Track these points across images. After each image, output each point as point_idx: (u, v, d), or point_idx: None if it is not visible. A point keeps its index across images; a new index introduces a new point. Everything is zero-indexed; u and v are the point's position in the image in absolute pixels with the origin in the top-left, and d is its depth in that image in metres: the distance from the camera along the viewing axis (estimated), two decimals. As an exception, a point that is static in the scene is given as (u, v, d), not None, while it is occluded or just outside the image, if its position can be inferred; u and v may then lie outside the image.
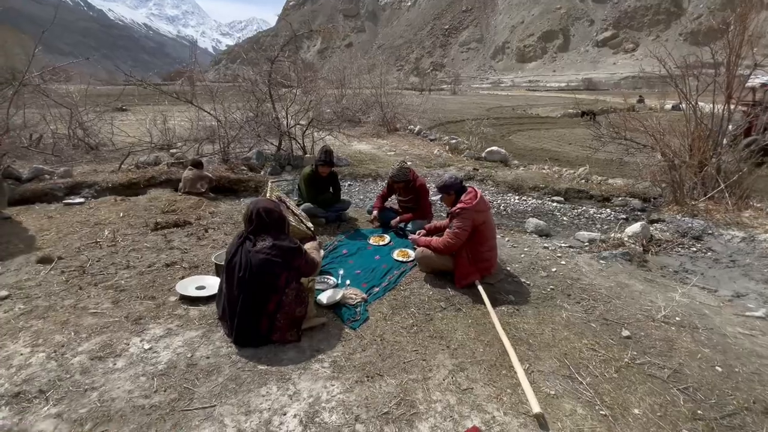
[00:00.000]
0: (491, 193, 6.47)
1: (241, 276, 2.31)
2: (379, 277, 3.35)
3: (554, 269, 3.56)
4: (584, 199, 6.16)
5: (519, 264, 3.65)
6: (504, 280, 3.35)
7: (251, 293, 2.32)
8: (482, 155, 8.82)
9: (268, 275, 2.33)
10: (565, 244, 4.18)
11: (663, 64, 5.56)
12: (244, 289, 2.31)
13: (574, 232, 4.66)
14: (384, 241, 4.10)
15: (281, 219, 2.54)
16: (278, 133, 7.38)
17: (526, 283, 3.31)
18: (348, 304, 2.89)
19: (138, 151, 7.11)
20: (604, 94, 36.13)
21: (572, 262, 3.73)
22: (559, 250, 4.01)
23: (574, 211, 5.62)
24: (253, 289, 2.31)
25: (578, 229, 4.94)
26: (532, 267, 3.60)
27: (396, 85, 16.47)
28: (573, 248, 4.07)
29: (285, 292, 2.38)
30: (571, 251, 3.99)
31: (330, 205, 4.58)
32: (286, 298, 2.38)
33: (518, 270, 3.54)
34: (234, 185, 6.41)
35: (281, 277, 2.36)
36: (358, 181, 6.94)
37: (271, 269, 2.33)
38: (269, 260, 2.33)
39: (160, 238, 4.02)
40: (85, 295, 2.90)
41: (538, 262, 3.68)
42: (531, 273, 3.49)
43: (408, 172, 4.14)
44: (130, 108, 14.65)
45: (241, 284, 2.32)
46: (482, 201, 3.17)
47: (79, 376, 2.11)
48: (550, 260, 3.74)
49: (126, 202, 5.14)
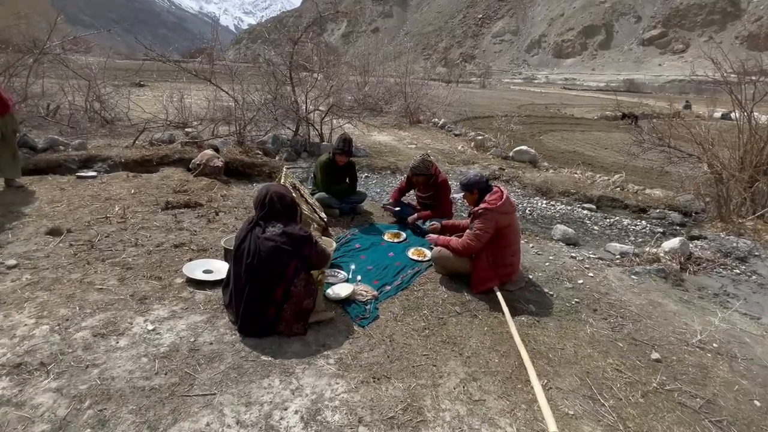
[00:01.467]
0: (517, 195, 6.37)
1: (249, 262, 2.33)
2: (391, 275, 3.34)
3: (581, 281, 3.47)
4: (618, 209, 5.99)
5: (543, 273, 3.58)
6: (525, 288, 3.29)
7: (259, 280, 2.34)
8: (510, 154, 8.67)
9: (277, 263, 2.34)
10: (595, 255, 4.08)
11: (718, 67, 5.32)
12: (251, 276, 2.33)
13: (604, 243, 4.54)
14: (399, 238, 4.08)
15: (293, 206, 2.55)
16: (296, 118, 7.42)
17: (549, 294, 3.24)
18: (358, 300, 2.89)
19: (153, 127, 7.26)
20: (647, 97, 35.02)
21: (601, 275, 3.63)
22: (587, 261, 3.91)
23: (606, 221, 5.47)
24: (261, 276, 2.33)
25: (609, 240, 4.80)
26: (557, 277, 3.52)
27: (422, 74, 16.29)
28: (603, 260, 3.96)
29: (293, 282, 2.39)
30: (600, 263, 3.89)
31: (345, 196, 4.58)
32: (294, 288, 2.39)
33: (541, 279, 3.47)
34: (248, 169, 6.47)
35: (290, 265, 2.37)
36: (375, 173, 6.93)
37: (280, 257, 2.35)
38: (279, 247, 2.35)
39: (170, 217, 4.10)
40: (92, 270, 2.98)
41: (564, 273, 3.60)
42: (555, 283, 3.42)
43: (430, 166, 4.10)
44: (148, 83, 15.00)
45: (249, 271, 2.34)
46: (508, 202, 3.11)
47: (81, 352, 2.17)
48: (577, 271, 3.66)
49: (138, 178, 5.26)
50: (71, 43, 8.02)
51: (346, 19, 22.49)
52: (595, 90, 56.30)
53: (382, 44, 18.72)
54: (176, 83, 9.23)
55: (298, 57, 7.30)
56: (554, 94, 40.87)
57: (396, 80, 13.08)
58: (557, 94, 39.86)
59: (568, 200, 6.21)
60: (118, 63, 14.87)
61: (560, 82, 76.03)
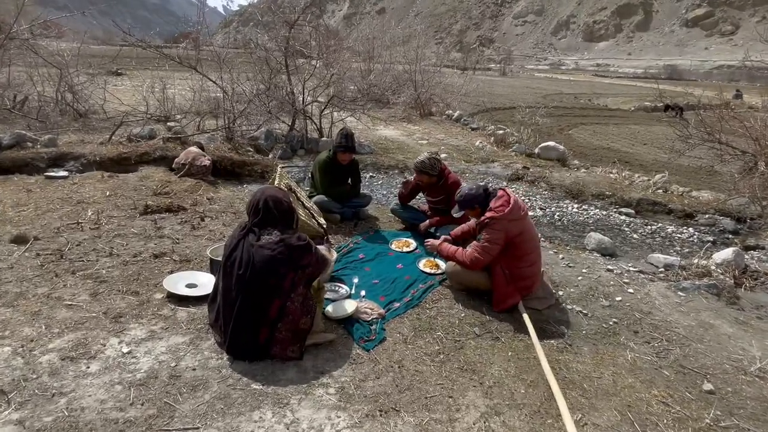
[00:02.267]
0: (544, 198, 6.32)
1: (240, 274, 2.32)
2: (400, 291, 3.31)
3: (619, 298, 3.41)
4: (660, 214, 5.91)
5: (575, 288, 3.52)
6: (555, 306, 3.25)
7: (251, 295, 2.32)
8: (535, 151, 8.63)
9: (272, 275, 2.33)
10: (635, 267, 4.01)
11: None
12: (243, 289, 2.32)
13: (646, 254, 4.47)
14: (409, 247, 4.05)
15: (290, 212, 2.54)
16: (292, 111, 7.44)
17: (583, 313, 3.19)
18: (362, 319, 2.86)
19: (131, 121, 7.31)
20: (691, 85, 34.79)
21: (642, 291, 3.57)
22: (626, 274, 3.84)
23: (646, 228, 5.40)
24: (254, 289, 2.32)
25: (651, 250, 4.73)
26: (592, 293, 3.46)
27: (434, 60, 16.30)
28: (644, 274, 3.90)
29: (290, 297, 2.38)
30: (641, 277, 3.82)
31: (347, 199, 4.57)
32: (291, 304, 2.38)
33: (574, 296, 3.42)
34: (237, 168, 6.50)
35: (287, 278, 2.36)
36: (381, 172, 6.92)
37: (276, 268, 2.33)
38: (275, 258, 2.33)
39: (149, 223, 4.12)
40: (60, 283, 2.99)
41: (600, 288, 3.55)
42: (589, 301, 3.36)
43: (437, 165, 4.07)
44: (126, 72, 15.17)
45: (240, 284, 2.32)
46: (516, 207, 3.07)
47: (47, 378, 2.16)
48: (615, 286, 3.60)
49: (114, 179, 5.30)
50: (41, 27, 8.10)
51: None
52: (632, 77, 55.97)
53: (389, 27, 18.75)
54: (158, 71, 9.31)
55: (295, 42, 7.32)
56: (585, 82, 40.72)
57: (405, 67, 13.10)
58: (588, 82, 39.71)
59: (602, 204, 6.15)
60: (93, 49, 15.09)
61: (591, 68, 75.75)
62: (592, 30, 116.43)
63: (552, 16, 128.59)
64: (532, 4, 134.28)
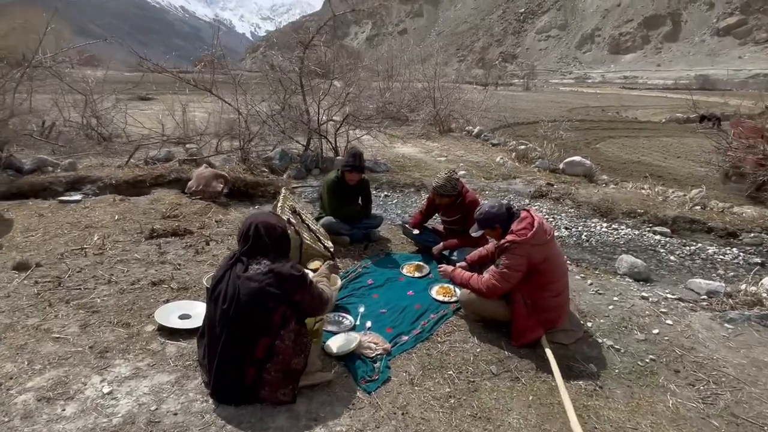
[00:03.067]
0: (569, 216, 5.93)
1: (225, 309, 2.12)
2: (409, 322, 3.05)
3: (656, 331, 3.05)
4: (699, 233, 5.45)
5: (605, 319, 3.18)
6: (583, 340, 2.92)
7: (236, 331, 2.12)
8: (559, 166, 8.25)
9: (259, 309, 2.12)
10: (673, 295, 3.62)
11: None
12: (227, 325, 2.12)
13: (685, 279, 4.06)
14: (421, 271, 3.80)
15: (284, 239, 2.34)
16: (307, 131, 7.37)
17: (615, 348, 2.85)
18: (365, 355, 2.61)
19: (146, 144, 7.39)
20: (727, 94, 33.47)
21: (683, 322, 3.19)
22: (663, 302, 3.47)
23: (684, 249, 4.95)
24: (238, 325, 2.12)
25: (691, 274, 4.31)
26: (625, 325, 3.11)
27: (454, 77, 16.19)
28: (684, 302, 3.51)
29: (280, 334, 2.16)
30: (680, 306, 3.44)
31: (357, 221, 4.36)
32: (280, 343, 2.16)
33: (604, 328, 3.07)
34: (250, 189, 6.41)
35: (276, 312, 2.15)
36: (397, 191, 6.70)
37: (264, 302, 2.13)
38: (263, 290, 2.13)
39: (153, 248, 4.01)
40: (52, 313, 2.87)
41: (633, 319, 3.19)
42: (622, 334, 3.01)
43: (457, 185, 3.83)
44: (155, 96, 15.64)
45: (225, 319, 2.13)
46: (541, 231, 2.77)
47: (19, 422, 2.00)
48: (651, 317, 3.23)
49: (125, 202, 5.27)
50: (67, 54, 8.34)
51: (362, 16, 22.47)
52: (662, 88, 54.57)
53: (408, 45, 18.83)
54: (181, 95, 9.49)
55: (309, 62, 7.29)
56: (612, 94, 39.87)
57: (424, 85, 13.00)
58: (615, 95, 38.83)
59: (634, 222, 5.72)
60: (119, 75, 15.65)
61: (618, 80, 74.36)
62: (618, 42, 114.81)
63: (576, 30, 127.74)
64: (555, 19, 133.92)
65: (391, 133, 9.30)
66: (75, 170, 6.56)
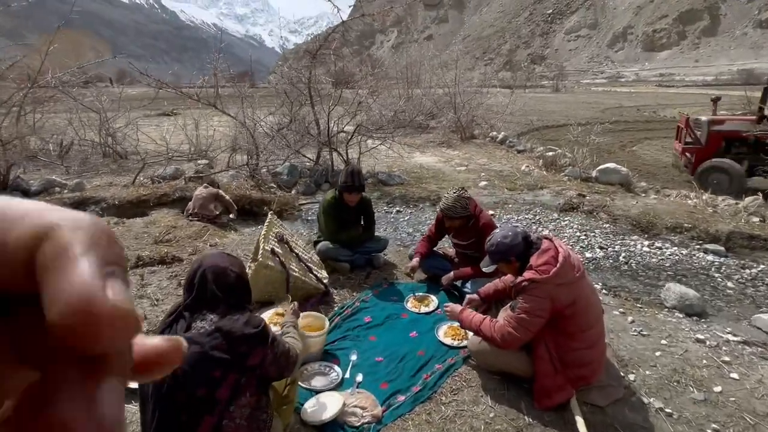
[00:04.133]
0: (604, 234, 5.24)
1: (156, 384, 1.68)
2: (409, 375, 2.54)
3: (718, 388, 2.42)
4: (761, 251, 4.66)
5: (652, 371, 2.57)
6: (624, 401, 2.33)
7: (172, 412, 1.67)
8: (592, 174, 7.53)
9: (201, 381, 1.66)
10: (736, 336, 2.95)
11: None
12: (159, 403, 1.67)
13: (749, 313, 3.36)
14: (428, 306, 3.28)
15: (239, 286, 1.86)
16: (317, 143, 6.99)
17: (666, 412, 2.25)
18: (348, 424, 2.13)
19: (156, 162, 7.21)
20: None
21: (753, 376, 2.54)
22: (724, 347, 2.81)
23: (744, 272, 4.18)
24: (174, 403, 1.66)
25: (757, 306, 3.57)
26: (677, 379, 2.50)
27: (476, 81, 15.59)
28: (751, 346, 2.84)
29: (229, 411, 1.69)
30: (747, 352, 2.77)
31: (359, 244, 3.89)
32: (230, 422, 1.69)
33: (651, 383, 2.47)
34: (255, 206, 6.07)
35: (224, 384, 1.68)
36: (410, 206, 6.18)
37: (207, 371, 1.67)
38: (206, 355, 1.67)
39: (136, 279, 3.67)
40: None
41: (688, 371, 2.56)
42: (674, 392, 2.40)
43: (467, 205, 3.30)
44: (180, 112, 15.81)
45: (157, 394, 1.68)
46: (568, 266, 2.21)
47: None
48: (711, 368, 2.59)
49: (119, 226, 5.00)
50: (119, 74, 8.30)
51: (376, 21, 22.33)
52: (701, 85, 51.93)
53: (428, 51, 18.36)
54: (204, 110, 9.37)
55: (319, 72, 6.94)
56: (647, 93, 38.09)
57: (445, 90, 12.47)
58: (651, 94, 37.05)
59: (680, 239, 4.98)
60: (155, 92, 15.94)
61: (654, 78, 71.44)
62: (653, 39, 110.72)
63: (607, 28, 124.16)
64: (585, 18, 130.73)
65: (408, 143, 8.82)
66: (82, 191, 6.43)
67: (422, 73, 15.73)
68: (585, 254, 4.64)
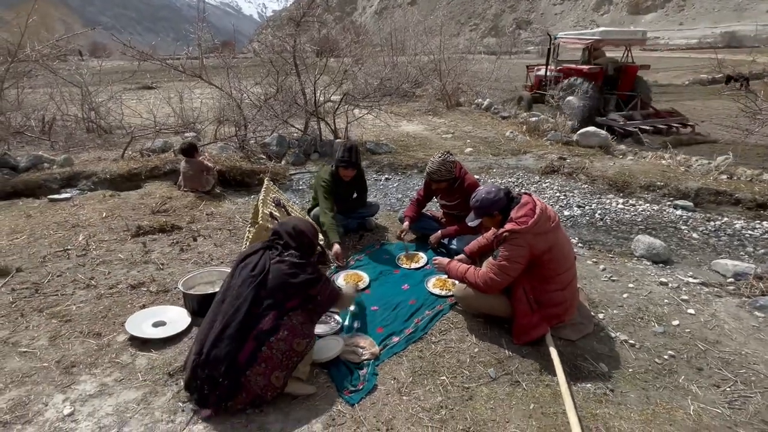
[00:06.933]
0: (582, 193, 5.55)
1: (254, 274, 2.13)
2: (402, 320, 2.82)
3: (676, 322, 2.75)
4: (726, 205, 5.02)
5: (619, 309, 2.89)
6: (593, 335, 2.65)
7: (256, 295, 2.10)
8: (573, 138, 7.80)
9: (281, 289, 2.13)
10: (695, 278, 3.29)
11: None
12: (251, 287, 2.11)
13: (709, 259, 3.71)
14: (418, 262, 3.55)
15: (311, 246, 2.39)
16: (304, 113, 7.07)
17: (630, 343, 2.57)
18: (350, 361, 2.40)
19: (143, 135, 7.22)
20: (754, 52, 31.55)
21: (707, 311, 2.88)
22: (684, 288, 3.15)
23: (709, 224, 4.55)
24: (259, 293, 2.11)
25: (716, 253, 3.94)
26: (641, 316, 2.82)
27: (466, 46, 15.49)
28: (708, 287, 3.18)
29: (289, 314, 2.13)
30: (704, 292, 3.11)
31: (352, 210, 4.10)
32: (288, 320, 2.12)
33: (618, 320, 2.79)
34: (246, 177, 6.20)
35: (293, 299, 2.16)
36: (398, 173, 6.39)
37: (287, 285, 2.15)
38: (290, 274, 2.16)
39: (139, 246, 3.85)
40: (23, 324, 2.72)
41: (651, 308, 2.89)
42: (638, 326, 2.73)
43: (453, 168, 3.52)
44: (161, 85, 15.45)
45: (251, 281, 2.12)
46: (543, 218, 2.47)
47: (-30, 452, 1.85)
48: (671, 306, 2.92)
49: (115, 198, 5.12)
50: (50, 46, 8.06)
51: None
52: (685, 48, 51.98)
53: (413, 17, 18.07)
54: (186, 82, 9.24)
55: (303, 40, 6.93)
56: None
57: (430, 57, 12.46)
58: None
59: (653, 197, 5.32)
60: (132, 65, 15.51)
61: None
62: (638, 2, 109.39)
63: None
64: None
65: (394, 111, 8.92)
66: (71, 166, 6.44)
67: (407, 39, 15.57)
68: (564, 213, 4.94)
